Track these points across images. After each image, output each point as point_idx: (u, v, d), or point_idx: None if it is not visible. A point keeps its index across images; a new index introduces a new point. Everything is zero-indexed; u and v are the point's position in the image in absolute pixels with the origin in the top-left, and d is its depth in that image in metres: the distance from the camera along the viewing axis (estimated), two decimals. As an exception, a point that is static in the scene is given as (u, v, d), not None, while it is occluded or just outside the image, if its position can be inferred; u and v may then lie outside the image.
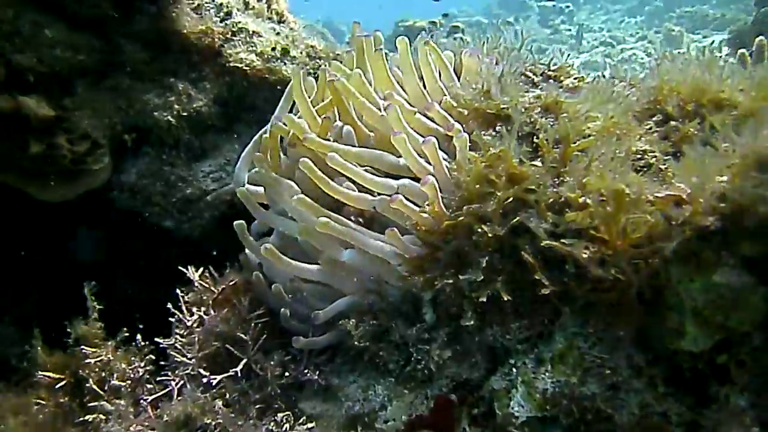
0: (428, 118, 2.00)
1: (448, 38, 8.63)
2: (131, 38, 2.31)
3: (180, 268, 2.03)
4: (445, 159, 1.88)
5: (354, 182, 1.89)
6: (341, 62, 2.28)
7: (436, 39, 7.49)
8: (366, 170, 1.91)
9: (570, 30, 17.46)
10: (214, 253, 2.19)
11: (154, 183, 2.38)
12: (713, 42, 14.66)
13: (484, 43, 2.23)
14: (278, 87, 2.38)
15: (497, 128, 1.77)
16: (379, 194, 1.86)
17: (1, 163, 2.21)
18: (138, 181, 2.37)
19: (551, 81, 2.15)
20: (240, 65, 2.39)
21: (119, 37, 2.29)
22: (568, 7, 18.94)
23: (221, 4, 2.48)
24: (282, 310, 1.97)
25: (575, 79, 2.17)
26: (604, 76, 2.22)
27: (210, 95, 2.41)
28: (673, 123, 1.80)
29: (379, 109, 1.99)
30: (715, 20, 16.42)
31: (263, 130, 2.13)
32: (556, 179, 1.67)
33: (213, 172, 2.42)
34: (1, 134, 2.17)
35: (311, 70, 2.45)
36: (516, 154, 1.69)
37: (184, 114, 2.35)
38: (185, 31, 2.33)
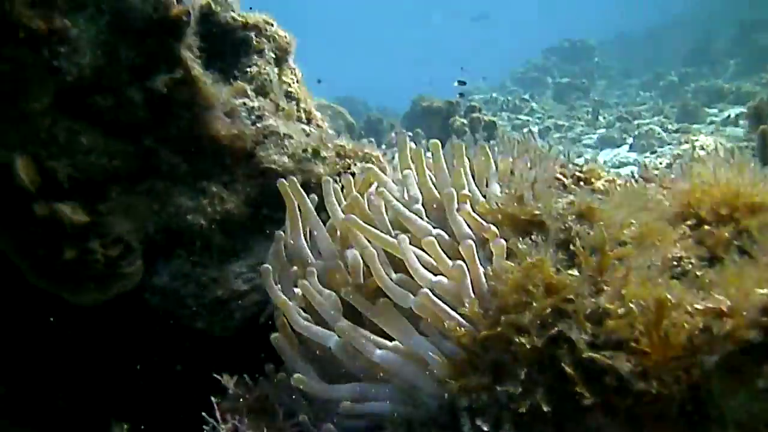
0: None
1: (466, 117, 8.74)
2: (166, 143, 2.34)
3: (214, 375, 2.01)
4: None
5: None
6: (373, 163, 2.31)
7: (453, 120, 7.57)
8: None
9: (586, 105, 17.63)
10: (248, 355, 2.18)
11: (186, 285, 2.38)
12: (730, 116, 14.77)
13: (514, 145, 2.24)
14: (310, 186, 2.40)
15: (533, 236, 1.77)
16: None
17: (36, 269, 2.24)
18: (170, 283, 2.38)
19: (582, 183, 2.16)
20: (272, 167, 2.42)
21: (154, 142, 2.33)
22: (583, 83, 19.18)
23: (253, 107, 2.53)
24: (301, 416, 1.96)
25: (606, 181, 2.18)
26: (634, 178, 2.22)
27: (242, 197, 2.44)
28: (707, 227, 1.80)
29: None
30: (730, 93, 16.54)
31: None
32: (593, 288, 1.67)
33: (244, 273, 2.42)
34: (36, 241, 2.20)
35: (341, 170, 2.48)
36: (553, 262, 1.68)
37: (217, 216, 2.37)
38: (219, 136, 2.37)
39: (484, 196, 2.10)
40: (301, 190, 2.17)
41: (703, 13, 24.49)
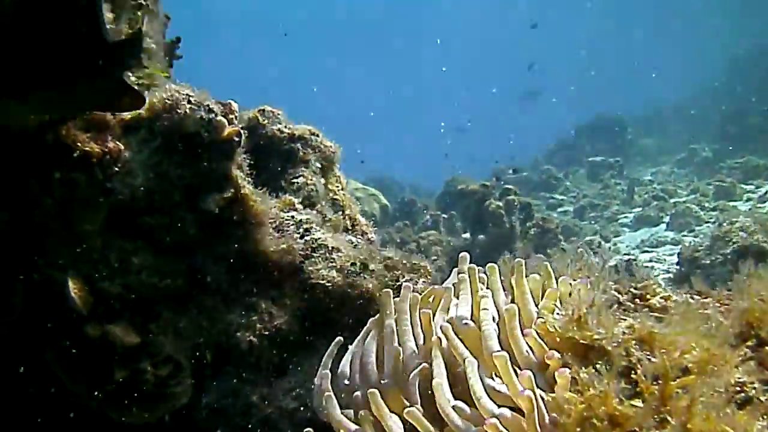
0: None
1: (501, 200, 8.68)
2: (215, 260, 2.36)
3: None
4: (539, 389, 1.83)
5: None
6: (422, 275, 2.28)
7: (488, 204, 7.53)
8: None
9: (620, 184, 17.55)
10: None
11: (235, 403, 2.36)
12: (767, 192, 14.62)
13: (568, 264, 2.21)
14: (359, 302, 2.39)
15: (595, 365, 1.73)
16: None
17: (87, 390, 2.23)
18: (219, 400, 2.36)
19: (638, 300, 2.12)
20: (321, 281, 2.41)
21: (204, 260, 2.34)
22: (617, 161, 19.13)
23: (300, 220, 2.54)
24: None
25: (662, 297, 2.13)
26: (691, 297, 2.18)
27: (290, 312, 2.43)
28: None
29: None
30: (766, 170, 16.40)
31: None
32: (657, 419, 1.62)
33: (293, 389, 2.39)
34: (87, 362, 2.20)
35: (390, 282, 2.46)
36: (616, 393, 1.64)
37: (266, 332, 2.36)
38: (268, 252, 2.38)
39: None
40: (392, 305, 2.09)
41: (737, 88, 24.52)
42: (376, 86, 52.06)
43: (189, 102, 2.25)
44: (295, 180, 2.80)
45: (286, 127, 2.89)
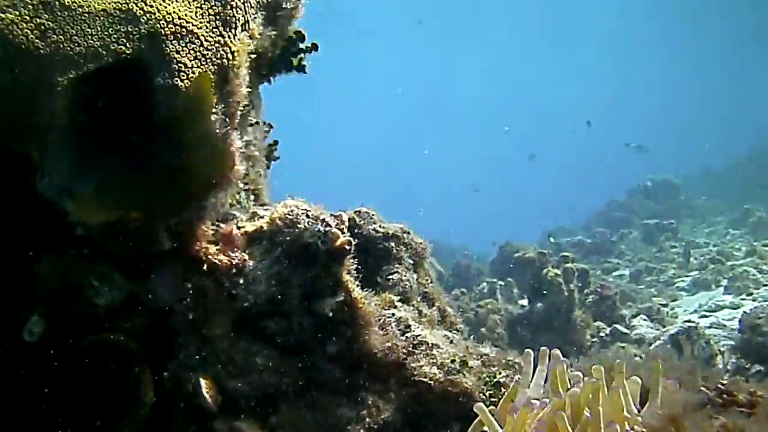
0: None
1: (558, 267, 8.79)
2: (328, 358, 2.57)
3: None
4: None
5: None
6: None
7: (546, 272, 7.65)
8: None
9: (675, 247, 17.47)
10: None
11: (347, 492, 2.54)
12: (827, 253, 14.45)
13: (659, 363, 2.36)
14: (460, 399, 2.57)
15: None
16: None
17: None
18: (333, 492, 2.54)
19: (725, 396, 2.26)
20: (424, 378, 2.60)
21: (318, 358, 2.56)
22: (672, 223, 19.06)
23: (400, 318, 2.75)
24: None
25: (748, 393, 2.27)
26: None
27: (395, 405, 2.61)
28: None
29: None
30: (823, 228, 16.20)
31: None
32: None
33: (401, 482, 2.57)
34: (217, 455, 2.41)
35: (488, 379, 2.64)
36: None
37: (374, 426, 2.55)
38: (375, 350, 2.58)
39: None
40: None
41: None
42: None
43: (307, 216, 2.50)
44: (390, 276, 3.02)
45: (380, 226, 3.12)
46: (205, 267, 2.44)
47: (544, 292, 10.10)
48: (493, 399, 2.52)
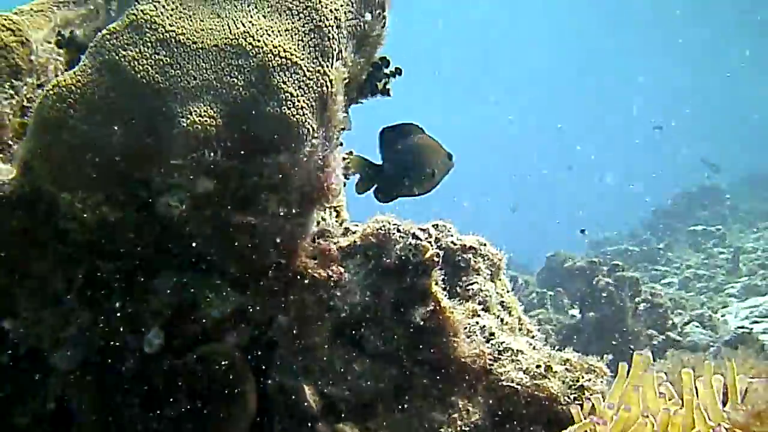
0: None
1: (610, 276, 8.82)
2: (420, 365, 2.72)
3: None
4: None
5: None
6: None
7: (597, 281, 7.71)
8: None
9: (723, 252, 17.34)
10: None
11: (440, 491, 2.68)
12: None
13: (733, 362, 2.47)
14: (545, 403, 2.70)
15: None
16: None
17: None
18: (427, 490, 2.69)
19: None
20: (511, 383, 2.73)
21: (411, 365, 2.71)
22: (719, 229, 18.92)
23: (484, 326, 2.89)
24: None
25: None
26: None
27: (484, 408, 2.75)
28: None
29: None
30: None
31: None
32: None
33: (491, 481, 2.70)
34: (321, 457, 2.58)
35: (571, 382, 2.76)
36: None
37: (465, 428, 2.69)
38: (463, 356, 2.72)
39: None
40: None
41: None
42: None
43: (398, 230, 2.66)
44: (470, 287, 3.16)
45: (457, 239, 3.27)
46: (306, 281, 2.61)
47: (597, 302, 10.14)
48: (577, 402, 2.64)
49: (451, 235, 3.27)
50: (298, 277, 2.61)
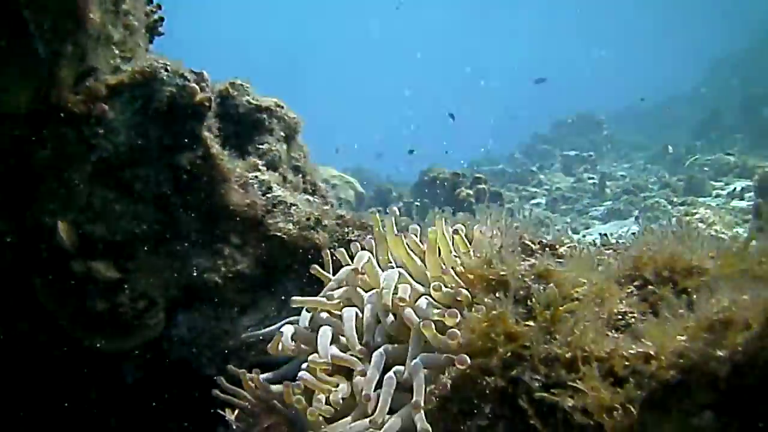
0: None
1: (472, 188, 8.99)
2: (187, 210, 2.69)
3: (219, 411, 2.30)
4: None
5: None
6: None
7: (459, 192, 7.89)
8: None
9: (593, 178, 17.95)
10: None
11: (202, 336, 2.69)
12: (735, 188, 15.03)
13: (487, 217, 2.55)
14: (311, 251, 2.73)
15: (497, 293, 2.08)
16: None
17: (71, 319, 2.56)
18: (188, 334, 2.69)
19: (547, 249, 2.47)
20: (279, 233, 2.75)
21: (176, 209, 2.67)
22: (590, 156, 19.54)
23: (263, 180, 2.88)
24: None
25: (568, 247, 2.48)
26: (594, 245, 2.54)
27: (252, 258, 2.76)
28: (650, 287, 2.10)
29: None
30: (736, 167, 16.79)
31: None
32: (547, 337, 1.97)
33: (252, 326, 2.73)
34: (73, 294, 2.53)
35: (340, 236, 2.80)
36: (513, 315, 1.99)
37: (230, 275, 2.70)
38: (233, 205, 2.71)
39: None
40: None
41: (712, 89, 25.03)
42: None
43: (166, 70, 2.59)
44: (260, 146, 3.13)
45: (254, 98, 3.22)
46: (63, 115, 2.51)
47: (458, 211, 10.30)
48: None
49: (248, 94, 3.22)
50: (56, 110, 2.50)
